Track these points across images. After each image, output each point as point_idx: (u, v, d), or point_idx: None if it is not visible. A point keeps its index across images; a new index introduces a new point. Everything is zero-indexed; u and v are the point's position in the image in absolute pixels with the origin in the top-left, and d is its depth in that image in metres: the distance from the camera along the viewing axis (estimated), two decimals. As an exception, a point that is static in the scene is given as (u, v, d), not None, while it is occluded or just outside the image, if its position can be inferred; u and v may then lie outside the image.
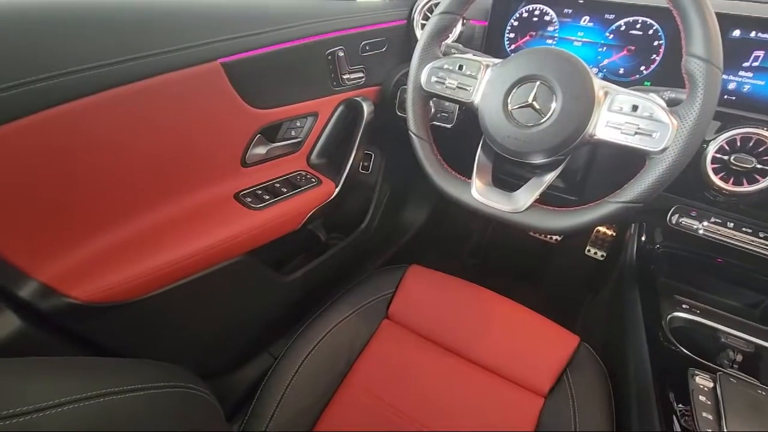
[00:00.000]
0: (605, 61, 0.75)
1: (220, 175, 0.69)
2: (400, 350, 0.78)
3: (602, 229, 1.29)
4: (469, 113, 0.64)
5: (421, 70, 0.64)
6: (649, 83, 0.74)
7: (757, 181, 0.62)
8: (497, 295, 0.84)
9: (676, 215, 0.75)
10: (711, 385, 0.60)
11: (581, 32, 0.75)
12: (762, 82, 0.66)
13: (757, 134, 0.62)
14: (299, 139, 0.80)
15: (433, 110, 0.84)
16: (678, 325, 0.75)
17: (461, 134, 0.82)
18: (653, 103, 0.52)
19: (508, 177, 0.84)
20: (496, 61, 0.61)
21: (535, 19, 0.78)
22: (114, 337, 0.62)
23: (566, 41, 0.77)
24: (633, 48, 0.73)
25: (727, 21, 0.64)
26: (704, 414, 0.56)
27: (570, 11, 0.75)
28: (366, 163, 1.04)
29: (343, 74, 0.80)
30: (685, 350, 0.67)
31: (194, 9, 0.61)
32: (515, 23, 0.80)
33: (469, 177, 0.65)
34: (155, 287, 0.61)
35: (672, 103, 0.52)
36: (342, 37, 0.77)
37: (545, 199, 0.61)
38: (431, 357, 0.77)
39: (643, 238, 0.91)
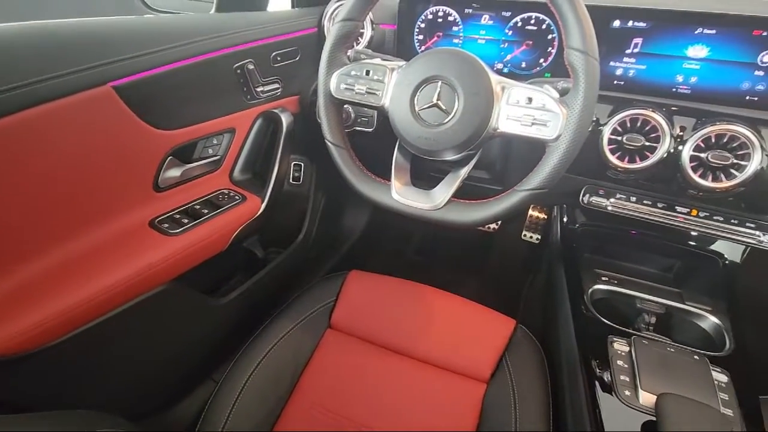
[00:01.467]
0: (508, 57, 0.79)
1: (130, 203, 0.65)
2: (344, 358, 0.78)
3: (534, 213, 1.36)
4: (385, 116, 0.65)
5: (329, 78, 0.64)
6: (549, 74, 0.79)
7: (647, 157, 0.68)
8: (436, 289, 0.86)
9: (587, 195, 0.80)
10: (627, 349, 0.65)
11: (483, 30, 0.79)
12: (644, 67, 0.72)
13: (643, 114, 0.68)
14: (218, 157, 0.78)
15: (353, 116, 0.85)
16: (599, 297, 0.80)
17: (382, 137, 0.83)
18: (545, 94, 0.55)
19: (437, 173, 0.86)
20: (401, 63, 0.63)
21: (440, 20, 0.81)
22: (23, 392, 0.57)
23: (471, 40, 0.80)
24: (531, 42, 0.77)
25: (607, 13, 0.70)
26: (622, 377, 0.60)
27: (471, 11, 0.78)
28: (297, 174, 1.03)
29: (257, 87, 0.78)
30: (605, 319, 0.72)
31: (80, 30, 0.58)
32: (422, 25, 0.82)
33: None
34: (66, 330, 0.56)
35: (564, 92, 0.56)
36: (250, 49, 0.75)
37: (472, 191, 0.63)
38: (376, 360, 0.77)
39: (565, 219, 0.96)
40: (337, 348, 0.80)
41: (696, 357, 0.63)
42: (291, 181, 1.02)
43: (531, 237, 1.36)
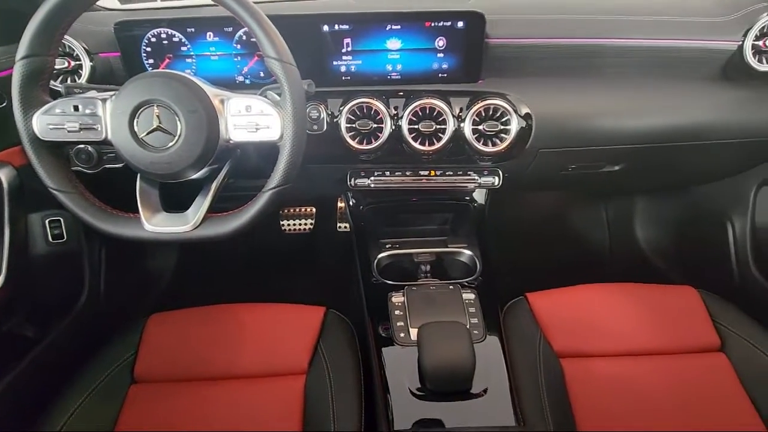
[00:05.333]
0: (245, 69, 0.83)
1: None
2: (157, 408, 0.73)
3: (341, 204, 1.46)
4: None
5: (29, 120, 0.58)
6: (288, 80, 0.85)
7: (378, 137, 0.80)
8: (242, 304, 0.86)
9: (352, 179, 0.89)
10: (402, 299, 0.76)
11: (213, 47, 0.81)
12: (360, 62, 0.83)
13: (366, 102, 0.79)
14: None
15: (95, 155, 0.77)
16: (385, 263, 0.92)
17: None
18: (261, 100, 0.60)
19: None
20: (113, 93, 0.60)
21: (165, 42, 0.80)
22: None
23: (204, 57, 0.81)
24: (261, 53, 0.82)
25: (314, 20, 0.78)
26: (398, 323, 0.71)
27: (193, 30, 0.79)
28: (57, 231, 0.89)
29: (-51, 146, 0.66)
30: (389, 281, 0.83)
31: None
32: (149, 49, 0.80)
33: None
34: None
35: None
36: None
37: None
38: (194, 396, 0.74)
39: (351, 203, 1.06)
40: (147, 401, 0.74)
41: (451, 287, 0.78)
42: (51, 240, 0.89)
43: (345, 227, 1.46)
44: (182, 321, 0.84)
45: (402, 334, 0.68)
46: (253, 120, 0.60)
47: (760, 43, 0.85)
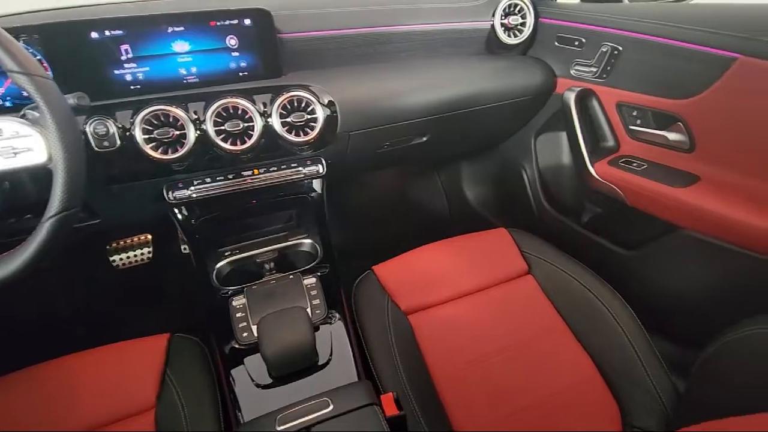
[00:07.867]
0: (1, 90, 0.71)
1: None
2: None
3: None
4: None
5: None
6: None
7: (184, 144, 0.76)
8: (65, 357, 0.75)
9: (170, 192, 0.83)
10: (243, 300, 0.75)
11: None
12: (147, 68, 0.78)
13: (161, 110, 0.74)
14: None
15: None
16: (227, 271, 0.89)
17: None
18: (12, 121, 0.53)
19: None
20: None
21: None
22: None
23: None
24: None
25: (76, 27, 0.70)
26: (241, 324, 0.70)
27: None
28: None
29: None
30: (228, 288, 0.80)
31: None
32: None
33: None
34: None
35: None
36: None
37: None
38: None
39: (180, 217, 0.99)
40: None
41: (291, 276, 0.79)
42: None
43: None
44: (14, 388, 0.70)
45: (245, 334, 0.67)
46: (7, 144, 0.52)
47: (506, 21, 1.04)
